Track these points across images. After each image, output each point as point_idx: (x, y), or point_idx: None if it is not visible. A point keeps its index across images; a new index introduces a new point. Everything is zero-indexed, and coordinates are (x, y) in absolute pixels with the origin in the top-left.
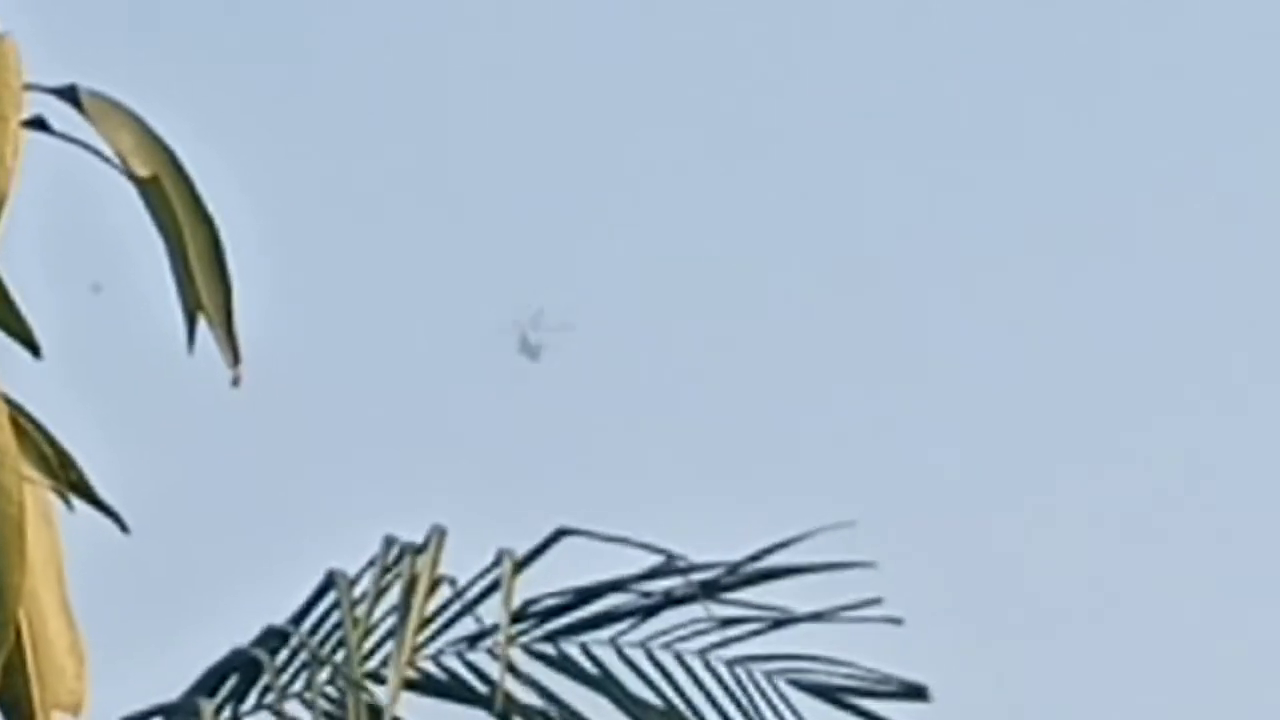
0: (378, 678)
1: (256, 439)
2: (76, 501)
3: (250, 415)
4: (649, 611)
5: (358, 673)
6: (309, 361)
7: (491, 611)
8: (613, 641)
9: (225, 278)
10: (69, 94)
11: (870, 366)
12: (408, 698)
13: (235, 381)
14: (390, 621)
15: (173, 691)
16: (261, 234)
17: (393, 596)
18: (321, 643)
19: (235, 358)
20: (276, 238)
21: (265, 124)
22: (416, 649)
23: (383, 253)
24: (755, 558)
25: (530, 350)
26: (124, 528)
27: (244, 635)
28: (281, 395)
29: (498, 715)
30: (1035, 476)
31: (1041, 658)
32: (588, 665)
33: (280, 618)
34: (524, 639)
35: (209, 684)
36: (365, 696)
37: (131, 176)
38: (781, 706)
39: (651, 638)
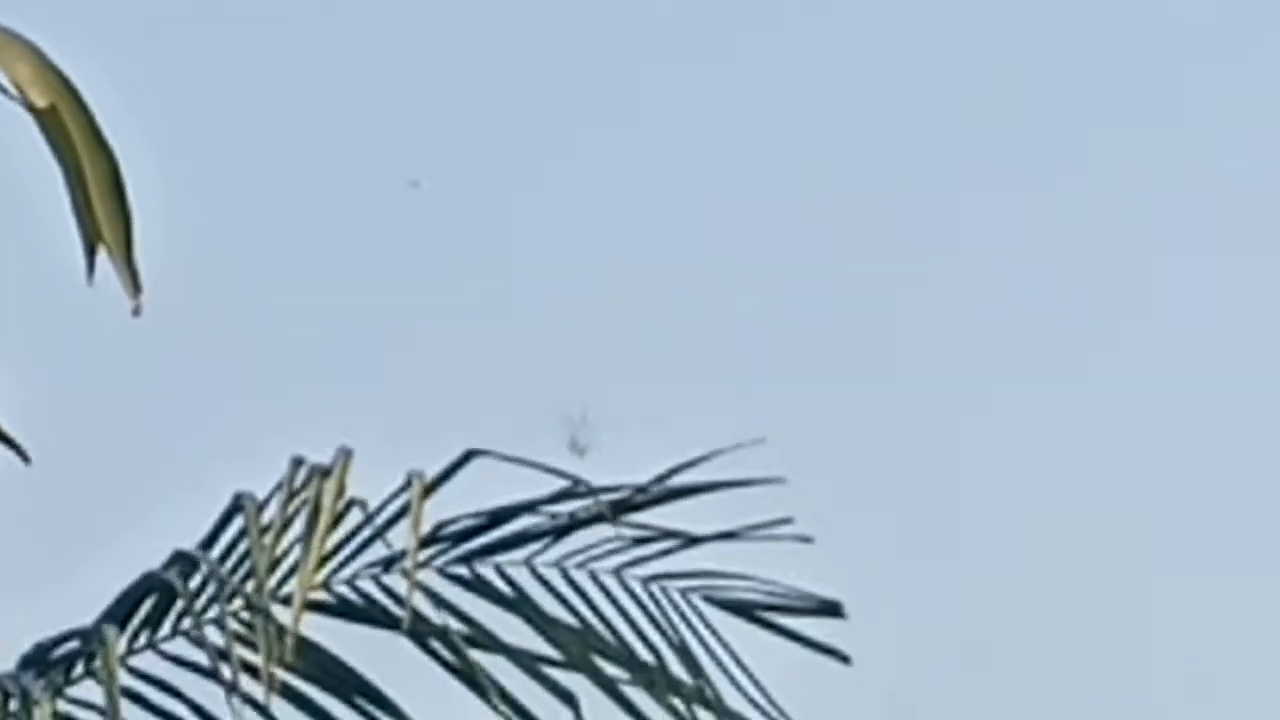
0: (290, 601)
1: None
2: None
3: (158, 343)
4: (562, 532)
5: (265, 597)
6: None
7: (407, 535)
8: (527, 562)
9: (125, 209)
10: None
11: (782, 277)
12: (325, 623)
13: (136, 311)
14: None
15: (83, 618)
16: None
17: (295, 520)
18: (235, 566)
19: (136, 288)
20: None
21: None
22: (333, 572)
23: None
24: (665, 476)
25: (578, 449)
26: (25, 458)
27: (158, 561)
28: (192, 322)
29: (411, 637)
30: (966, 394)
31: (957, 576)
32: (502, 586)
33: (192, 542)
34: (438, 561)
35: (121, 611)
36: (274, 621)
37: (29, 107)
38: (697, 623)
39: (565, 558)
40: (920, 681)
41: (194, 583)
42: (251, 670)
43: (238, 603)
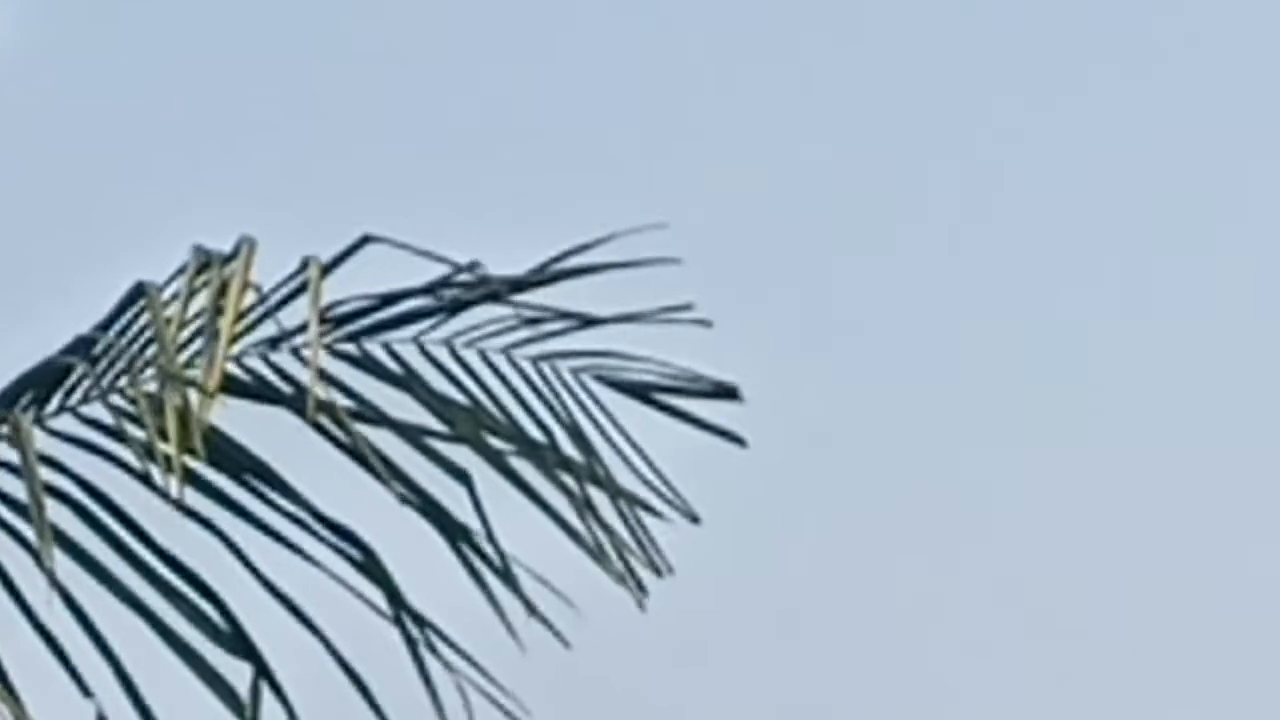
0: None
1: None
2: None
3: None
4: (453, 310)
5: (177, 366)
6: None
7: (294, 315)
8: (416, 340)
9: None
10: None
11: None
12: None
13: None
14: (194, 329)
15: None
16: None
17: (195, 306)
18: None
19: None
20: None
21: None
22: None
23: None
24: (560, 258)
25: None
26: None
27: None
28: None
29: (299, 414)
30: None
31: (859, 364)
32: (392, 365)
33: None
34: (327, 339)
35: (15, 393)
36: (178, 396)
37: None
38: (589, 402)
39: (456, 335)
40: (818, 471)
41: (92, 366)
42: (145, 449)
43: (124, 384)
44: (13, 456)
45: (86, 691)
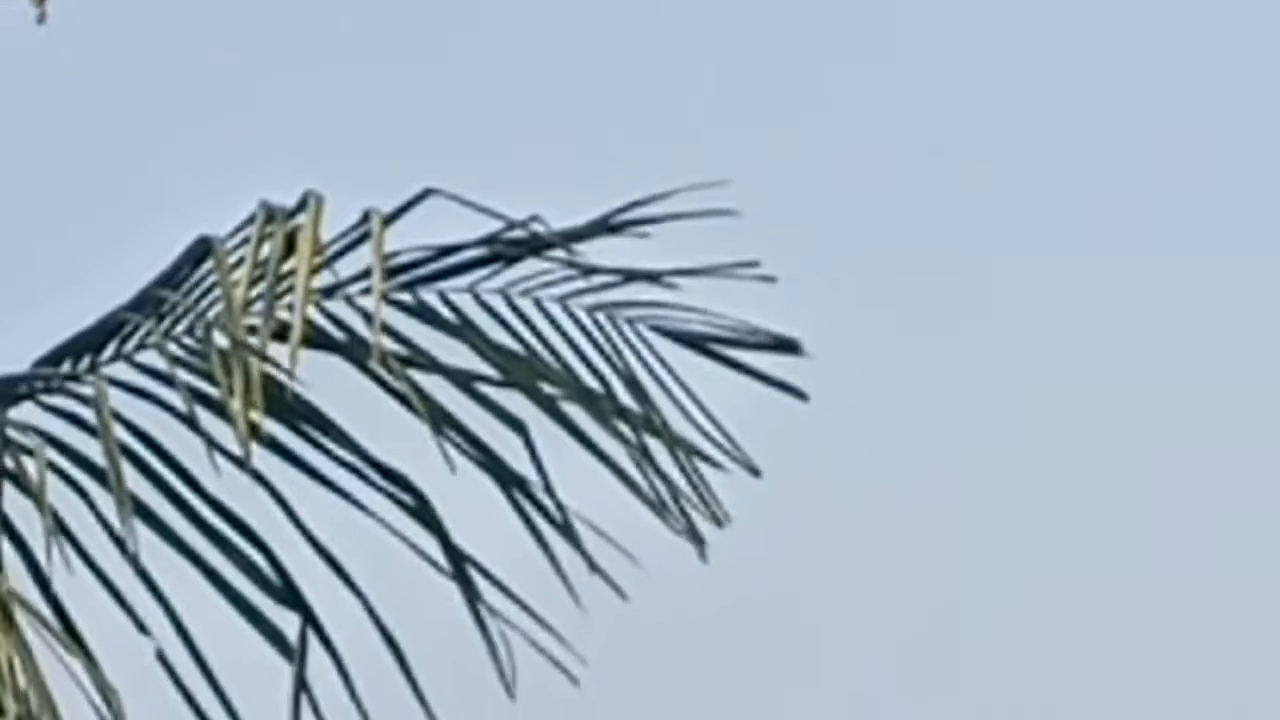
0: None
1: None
2: None
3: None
4: (509, 261)
5: (240, 329)
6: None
7: (349, 266)
8: (471, 289)
9: None
10: None
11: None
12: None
13: (41, 19)
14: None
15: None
16: None
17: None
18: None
19: None
20: None
21: None
22: (275, 298)
23: None
24: (619, 211)
25: None
26: None
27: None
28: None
29: (354, 362)
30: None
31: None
32: (447, 313)
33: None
34: (383, 286)
35: (75, 345)
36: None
37: None
38: (645, 353)
39: (512, 284)
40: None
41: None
42: (198, 397)
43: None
44: (76, 408)
45: (143, 629)
